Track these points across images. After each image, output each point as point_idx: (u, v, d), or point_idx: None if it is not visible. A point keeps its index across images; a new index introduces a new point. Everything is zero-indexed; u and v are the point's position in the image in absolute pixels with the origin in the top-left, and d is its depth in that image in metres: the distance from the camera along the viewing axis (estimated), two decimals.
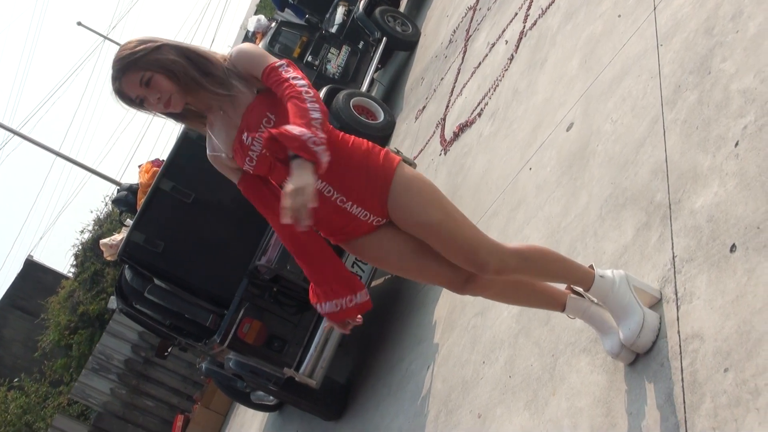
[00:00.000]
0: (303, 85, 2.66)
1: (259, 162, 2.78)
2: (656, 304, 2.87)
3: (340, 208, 2.82)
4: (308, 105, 2.59)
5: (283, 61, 2.76)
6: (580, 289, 2.99)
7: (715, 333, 2.46)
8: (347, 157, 2.81)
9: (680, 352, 2.58)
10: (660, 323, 2.80)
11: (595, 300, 2.96)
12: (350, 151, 2.83)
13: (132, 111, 2.86)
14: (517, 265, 2.84)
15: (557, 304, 3.05)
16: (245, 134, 2.75)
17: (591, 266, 2.96)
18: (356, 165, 2.81)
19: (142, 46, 2.71)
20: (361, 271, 6.32)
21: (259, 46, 2.83)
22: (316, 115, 2.57)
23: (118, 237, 8.26)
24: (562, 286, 3.07)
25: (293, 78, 2.69)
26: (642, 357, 2.80)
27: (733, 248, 2.58)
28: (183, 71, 2.71)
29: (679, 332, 2.65)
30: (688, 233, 2.86)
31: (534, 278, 3.03)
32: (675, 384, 2.54)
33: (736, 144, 2.84)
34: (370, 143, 2.91)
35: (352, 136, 2.92)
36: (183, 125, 2.97)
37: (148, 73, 2.68)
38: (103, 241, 8.48)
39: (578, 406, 3.07)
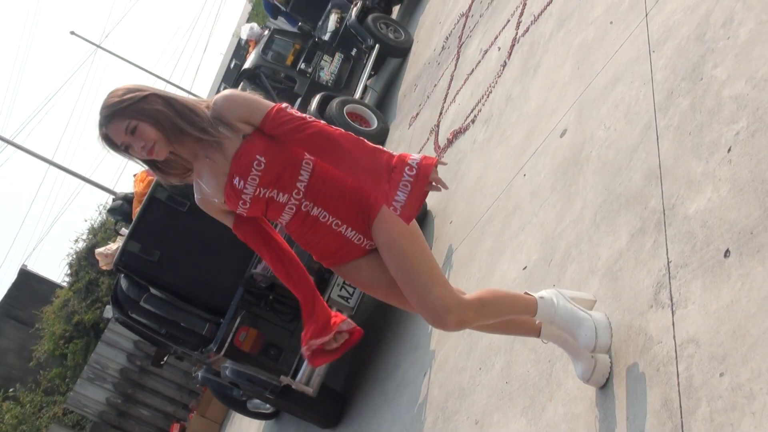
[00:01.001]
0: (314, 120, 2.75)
1: (252, 204, 2.84)
2: (595, 304, 3.01)
3: (334, 231, 2.88)
4: (352, 141, 2.72)
5: (285, 105, 2.82)
6: (539, 294, 3.02)
7: (710, 338, 2.47)
8: (341, 180, 2.86)
9: (676, 357, 2.59)
10: (608, 319, 2.92)
11: (556, 300, 2.99)
12: (343, 175, 2.87)
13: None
14: (476, 314, 2.84)
15: (532, 329, 3.10)
16: (237, 178, 2.80)
17: (526, 293, 3.00)
18: (350, 188, 2.86)
19: (129, 95, 2.75)
20: (349, 295, 6.33)
21: (247, 92, 2.87)
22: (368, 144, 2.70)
23: (114, 246, 8.22)
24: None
25: (309, 117, 2.77)
26: (639, 362, 2.79)
27: (727, 253, 2.59)
28: (168, 120, 2.75)
29: (674, 337, 2.65)
30: (682, 239, 2.87)
31: (490, 322, 2.99)
32: (671, 389, 2.54)
33: (729, 150, 2.85)
34: None
35: None
36: (162, 178, 2.99)
37: (134, 122, 2.73)
38: (98, 250, 8.45)
39: (575, 411, 3.07)
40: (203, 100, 2.90)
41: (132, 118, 2.72)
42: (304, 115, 2.78)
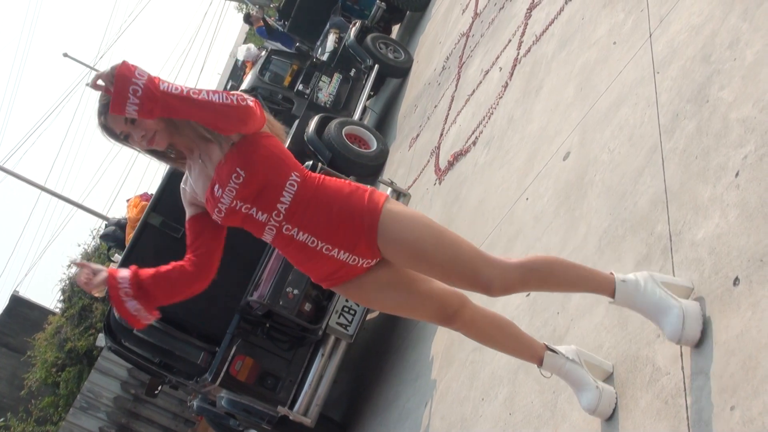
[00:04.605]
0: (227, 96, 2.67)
1: (228, 214, 2.80)
2: (692, 294, 2.73)
3: (326, 256, 2.82)
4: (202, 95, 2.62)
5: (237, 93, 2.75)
6: (556, 348, 2.94)
7: (720, 369, 2.41)
8: (327, 205, 2.80)
9: (684, 389, 2.54)
10: (703, 310, 2.62)
11: (570, 357, 2.91)
12: (330, 198, 2.81)
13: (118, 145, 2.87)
14: (523, 278, 2.77)
15: (535, 356, 2.97)
16: (216, 186, 2.77)
17: (611, 273, 2.81)
18: (338, 211, 2.79)
19: None
20: (348, 322, 6.27)
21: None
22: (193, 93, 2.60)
23: None
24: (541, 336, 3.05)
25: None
26: (646, 394, 2.73)
27: (736, 281, 2.54)
28: None
29: (682, 368, 2.60)
30: (689, 266, 2.82)
31: (546, 290, 3.03)
32: (680, 422, 2.48)
33: (737, 174, 2.81)
34: (353, 184, 2.89)
35: (333, 179, 2.89)
36: (165, 164, 2.96)
37: None
38: None
39: None
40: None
41: None
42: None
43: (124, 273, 2.83)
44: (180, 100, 2.57)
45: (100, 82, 2.57)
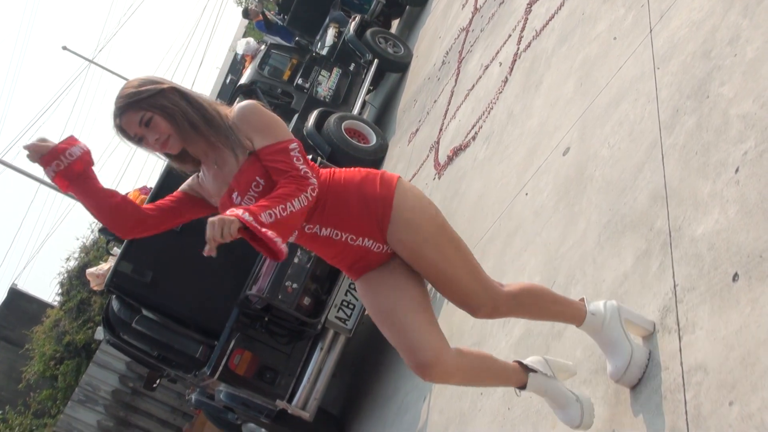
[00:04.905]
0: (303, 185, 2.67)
1: None
2: (650, 336, 2.88)
3: (350, 245, 2.83)
4: (286, 203, 2.60)
5: (296, 144, 2.76)
6: (532, 365, 2.96)
7: (719, 365, 2.41)
8: (344, 198, 2.80)
9: (683, 385, 2.53)
10: (648, 359, 2.81)
11: (549, 374, 2.96)
12: (345, 188, 2.82)
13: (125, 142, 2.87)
14: (509, 310, 2.90)
15: (518, 381, 2.97)
16: (235, 193, 2.77)
17: (582, 299, 2.98)
18: (354, 202, 2.80)
19: (146, 87, 2.74)
20: (346, 316, 6.27)
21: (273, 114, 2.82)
22: (281, 212, 2.58)
23: (105, 266, 8.18)
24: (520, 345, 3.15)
25: (303, 171, 2.70)
26: (645, 389, 2.73)
27: (735, 277, 2.53)
28: (183, 116, 2.73)
29: (681, 364, 2.59)
30: (689, 261, 2.82)
31: (526, 318, 3.11)
32: (678, 417, 2.48)
33: (737, 170, 2.80)
34: (363, 170, 2.90)
35: (344, 170, 2.90)
36: (177, 165, 2.96)
37: (149, 114, 2.71)
38: (89, 270, 8.40)
39: None
40: (222, 104, 2.87)
41: (147, 110, 2.71)
42: (300, 167, 2.70)
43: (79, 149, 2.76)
44: (280, 226, 2.55)
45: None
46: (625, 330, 2.87)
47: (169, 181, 6.93)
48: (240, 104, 2.82)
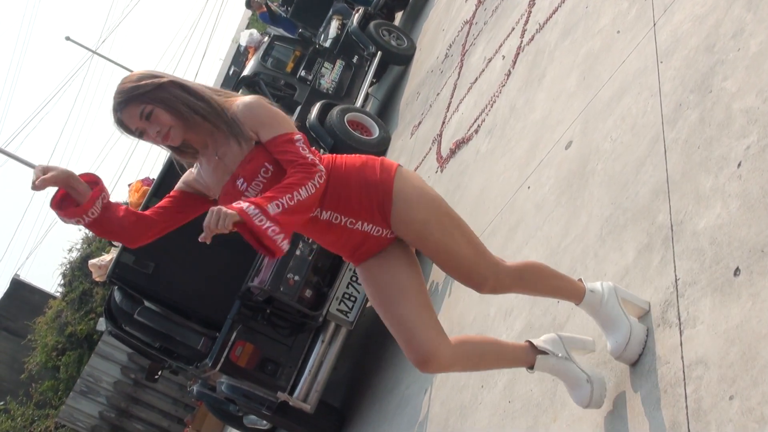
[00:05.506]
0: (310, 173, 2.69)
1: None
2: (645, 315, 2.93)
3: (350, 230, 2.86)
4: (293, 192, 2.62)
5: (300, 135, 2.79)
6: (543, 347, 2.98)
7: (720, 359, 2.41)
8: (345, 182, 2.83)
9: (684, 379, 2.53)
10: (647, 336, 2.86)
11: (560, 354, 2.98)
12: (346, 172, 2.85)
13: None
14: (513, 283, 2.95)
15: (525, 361, 3.00)
16: (240, 179, 2.78)
17: (580, 280, 3.03)
18: (355, 185, 2.83)
19: (145, 81, 2.75)
20: (348, 309, 6.27)
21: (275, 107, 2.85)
22: (288, 201, 2.60)
23: (107, 257, 8.18)
24: (522, 338, 3.16)
25: (310, 159, 2.73)
26: (645, 383, 2.73)
27: (737, 272, 2.53)
28: (185, 106, 2.75)
29: (682, 358, 2.59)
30: (690, 256, 2.81)
31: (528, 294, 3.20)
32: (679, 411, 2.48)
33: (739, 165, 2.80)
34: (362, 156, 2.94)
35: (345, 156, 2.94)
36: (177, 157, 2.98)
37: (149, 107, 2.73)
38: (91, 261, 8.40)
39: None
40: (221, 90, 2.89)
41: (147, 103, 2.72)
42: (307, 155, 2.73)
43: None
44: (289, 215, 2.58)
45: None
46: (622, 308, 2.92)
47: (172, 171, 6.93)
48: (245, 100, 2.84)
